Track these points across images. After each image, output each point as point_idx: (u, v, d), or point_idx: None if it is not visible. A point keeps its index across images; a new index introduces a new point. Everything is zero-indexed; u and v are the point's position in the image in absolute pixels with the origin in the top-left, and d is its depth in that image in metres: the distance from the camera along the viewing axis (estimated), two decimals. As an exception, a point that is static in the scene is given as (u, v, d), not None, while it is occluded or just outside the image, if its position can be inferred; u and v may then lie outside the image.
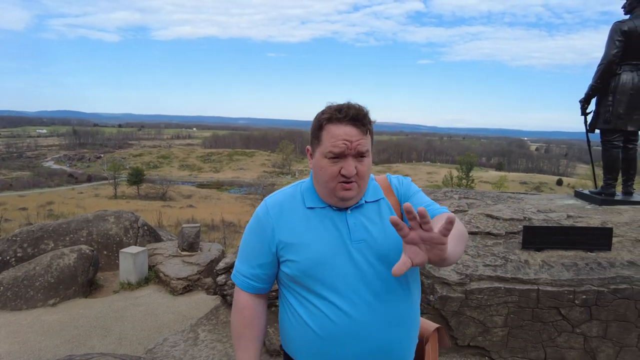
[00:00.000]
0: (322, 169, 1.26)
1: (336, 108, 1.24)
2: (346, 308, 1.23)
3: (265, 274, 1.36)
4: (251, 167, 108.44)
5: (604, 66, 4.11)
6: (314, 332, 1.26)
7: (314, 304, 1.27)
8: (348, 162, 1.23)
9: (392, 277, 1.27)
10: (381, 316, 1.26)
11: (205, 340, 3.32)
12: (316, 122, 1.29)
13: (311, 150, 1.33)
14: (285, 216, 1.32)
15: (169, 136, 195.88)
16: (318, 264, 1.25)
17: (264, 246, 1.33)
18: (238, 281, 1.40)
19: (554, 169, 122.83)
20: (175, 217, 24.11)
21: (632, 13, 4.12)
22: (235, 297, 1.41)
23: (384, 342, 1.26)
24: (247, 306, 1.38)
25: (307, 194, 1.35)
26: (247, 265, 1.37)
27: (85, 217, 7.30)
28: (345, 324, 1.23)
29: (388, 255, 1.28)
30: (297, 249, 1.28)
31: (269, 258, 1.34)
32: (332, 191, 1.27)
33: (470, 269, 3.14)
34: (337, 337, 1.24)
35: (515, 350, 3.10)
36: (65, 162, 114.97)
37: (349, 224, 1.29)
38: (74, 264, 5.59)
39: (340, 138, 1.21)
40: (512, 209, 4.10)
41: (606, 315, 2.98)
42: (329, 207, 1.31)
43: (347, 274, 1.25)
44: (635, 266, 3.13)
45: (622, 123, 4.16)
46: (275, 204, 1.35)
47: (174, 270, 6.05)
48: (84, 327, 4.57)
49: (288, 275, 1.31)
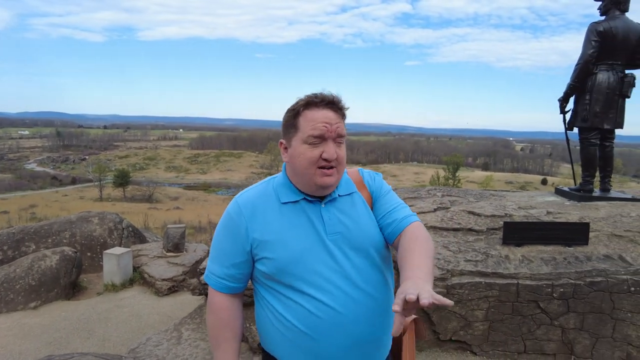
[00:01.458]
0: (301, 155, 1.24)
1: (311, 95, 1.26)
2: (328, 301, 1.23)
3: (239, 273, 1.33)
4: (239, 168, 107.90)
5: (581, 66, 4.22)
6: (296, 328, 1.25)
7: (294, 300, 1.25)
8: (329, 146, 1.23)
9: (369, 269, 1.30)
10: (363, 307, 1.26)
11: (188, 339, 3.31)
12: (290, 112, 1.28)
13: (285, 141, 1.32)
14: (258, 214, 1.29)
15: (156, 137, 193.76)
16: (295, 261, 1.24)
17: (237, 245, 1.30)
18: (211, 282, 1.36)
19: (539, 169, 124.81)
20: (161, 219, 23.88)
21: (607, 14, 4.24)
22: (210, 298, 1.38)
23: (367, 333, 1.28)
24: (222, 307, 1.35)
25: (281, 189, 1.33)
26: (220, 265, 1.34)
27: (68, 219, 7.19)
28: (329, 317, 1.23)
29: (363, 247, 1.30)
30: (273, 247, 1.26)
31: (243, 257, 1.31)
32: (312, 178, 1.25)
33: (452, 265, 3.19)
34: (322, 331, 1.24)
35: (496, 344, 3.15)
36: (48, 164, 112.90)
37: (323, 218, 1.29)
38: (56, 265, 5.50)
39: (319, 121, 1.23)
40: (494, 205, 4.17)
41: (583, 307, 3.06)
42: (303, 201, 1.30)
43: (326, 268, 1.25)
44: (611, 259, 3.21)
45: (599, 121, 4.26)
46: (248, 201, 1.32)
47: (159, 271, 5.99)
48: (66, 329, 4.51)
49: (265, 273, 1.29)
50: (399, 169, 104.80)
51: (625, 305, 3.02)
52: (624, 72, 4.23)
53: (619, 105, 4.25)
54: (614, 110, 4.24)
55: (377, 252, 1.34)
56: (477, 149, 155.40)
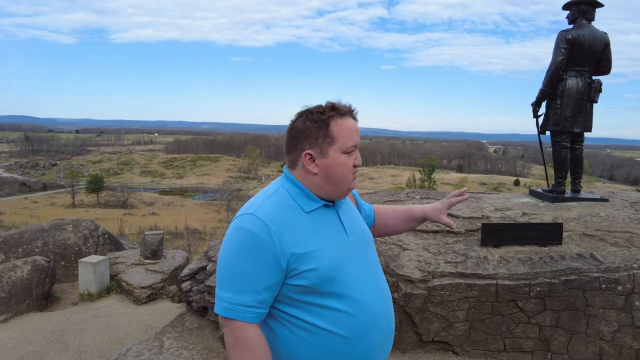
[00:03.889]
0: (342, 165, 1.29)
1: (336, 104, 1.31)
2: (364, 299, 1.27)
3: (271, 296, 1.23)
4: (216, 172, 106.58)
5: (552, 72, 4.38)
6: (339, 337, 1.23)
7: (334, 307, 1.23)
8: (357, 153, 1.33)
9: (377, 263, 1.43)
10: (384, 297, 1.36)
11: (170, 348, 3.25)
12: (318, 121, 1.27)
13: (315, 152, 1.28)
14: (287, 227, 1.23)
15: (130, 142, 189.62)
16: (338, 264, 1.25)
17: (270, 265, 1.19)
18: (240, 314, 1.19)
19: (512, 170, 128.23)
20: (137, 225, 23.35)
21: (575, 23, 4.42)
22: (240, 335, 1.20)
23: (389, 320, 1.36)
24: (259, 341, 1.20)
25: (300, 199, 1.30)
26: (251, 293, 1.19)
27: (41, 227, 6.95)
28: (366, 315, 1.27)
29: (370, 242, 1.45)
30: (313, 257, 1.22)
31: (277, 277, 1.21)
32: (348, 184, 1.33)
33: (432, 266, 3.25)
34: (362, 331, 1.26)
35: (477, 343, 3.23)
36: (16, 170, 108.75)
37: (341, 219, 1.36)
38: (27, 276, 5.31)
39: (354, 131, 1.30)
40: (471, 208, 4.27)
41: (558, 305, 3.16)
42: (322, 207, 1.33)
43: (356, 266, 1.31)
44: (583, 258, 3.34)
45: (569, 125, 4.44)
46: (272, 215, 1.23)
47: (137, 279, 5.87)
48: (39, 342, 4.35)
49: (304, 287, 1.22)
50: (377, 171, 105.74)
51: (597, 301, 3.15)
52: (591, 78, 4.42)
53: (587, 109, 4.44)
54: (583, 115, 4.42)
55: (374, 247, 1.49)
56: (452, 152, 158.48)
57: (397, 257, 3.36)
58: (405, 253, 3.41)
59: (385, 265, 3.27)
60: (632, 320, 3.09)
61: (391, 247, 3.49)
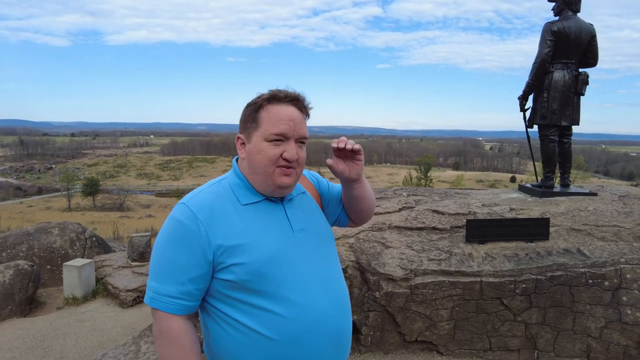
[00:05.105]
0: (261, 152, 1.18)
1: (278, 91, 1.22)
2: (301, 301, 1.17)
3: (197, 289, 1.17)
4: (212, 173, 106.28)
5: (538, 64, 4.32)
6: (269, 339, 1.15)
7: (264, 307, 1.15)
8: (291, 145, 1.19)
9: (330, 263, 1.31)
10: (333, 301, 1.24)
11: (147, 352, 3.16)
12: (251, 106, 1.22)
13: (244, 137, 1.24)
14: (218, 217, 1.17)
15: (126, 144, 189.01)
16: (271, 260, 1.16)
17: (195, 256, 1.14)
18: (162, 305, 1.16)
19: (508, 167, 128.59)
20: (133, 228, 23.16)
21: (560, 15, 4.35)
22: (162, 326, 1.17)
23: (339, 326, 1.24)
24: (182, 332, 1.16)
25: (239, 190, 1.24)
26: (174, 283, 1.15)
27: (25, 231, 6.85)
28: (304, 319, 1.16)
29: (325, 242, 1.32)
30: (244, 250, 1.15)
31: (202, 269, 1.15)
32: (270, 177, 1.20)
33: (415, 264, 3.18)
34: (298, 336, 1.16)
35: (462, 343, 3.16)
36: (11, 174, 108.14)
37: (288, 215, 1.26)
38: (9, 281, 5.21)
39: (283, 118, 1.18)
40: (458, 204, 4.20)
41: (544, 301, 3.10)
42: (265, 200, 1.25)
43: (297, 265, 1.20)
44: (570, 253, 3.28)
45: (557, 118, 4.37)
46: (202, 205, 1.18)
47: (124, 281, 5.77)
48: (19, 348, 4.26)
49: (231, 282, 1.16)
50: (373, 170, 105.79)
51: (584, 297, 3.08)
52: (578, 71, 4.36)
53: (574, 102, 4.37)
54: (570, 108, 4.36)
55: (333, 246, 1.37)
56: (448, 149, 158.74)
57: (379, 255, 3.28)
58: (387, 251, 3.34)
59: (367, 263, 3.19)
60: (619, 316, 3.03)
61: (374, 245, 3.41)
